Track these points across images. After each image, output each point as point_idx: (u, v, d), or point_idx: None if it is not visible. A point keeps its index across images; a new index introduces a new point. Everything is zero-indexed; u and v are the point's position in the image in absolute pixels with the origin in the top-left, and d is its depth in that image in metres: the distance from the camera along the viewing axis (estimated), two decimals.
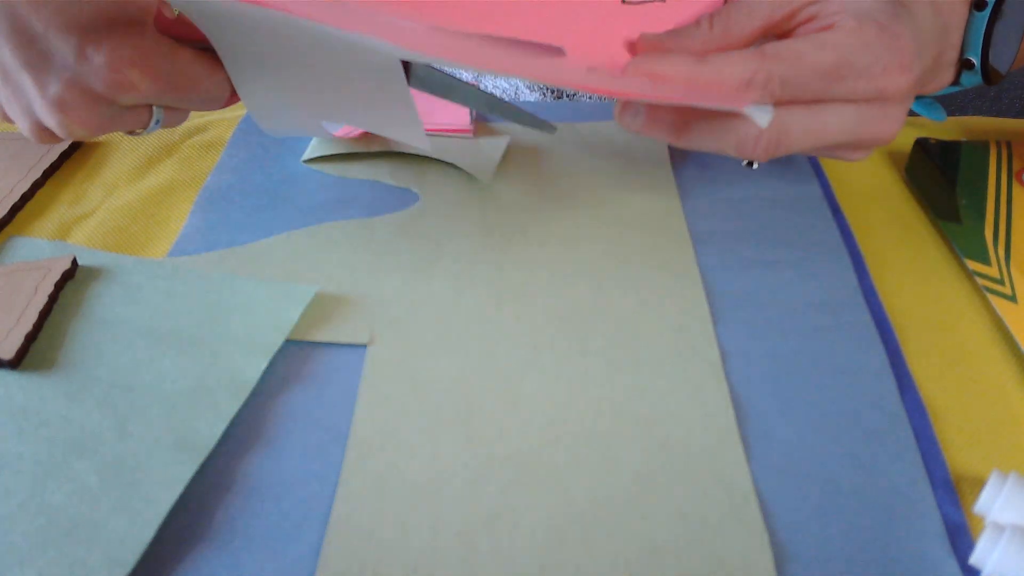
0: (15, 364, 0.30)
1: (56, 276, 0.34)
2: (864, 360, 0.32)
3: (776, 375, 0.31)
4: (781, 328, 0.33)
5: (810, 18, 0.31)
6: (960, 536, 0.26)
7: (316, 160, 0.43)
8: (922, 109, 0.40)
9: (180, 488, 0.26)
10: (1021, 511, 0.25)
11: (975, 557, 0.24)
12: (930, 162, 0.41)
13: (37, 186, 0.42)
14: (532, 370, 0.31)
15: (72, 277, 0.35)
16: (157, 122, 0.34)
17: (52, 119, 0.31)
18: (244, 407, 0.29)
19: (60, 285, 0.34)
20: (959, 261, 0.37)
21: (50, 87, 0.30)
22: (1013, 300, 0.33)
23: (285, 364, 0.32)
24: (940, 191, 0.39)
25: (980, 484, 0.27)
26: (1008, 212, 0.37)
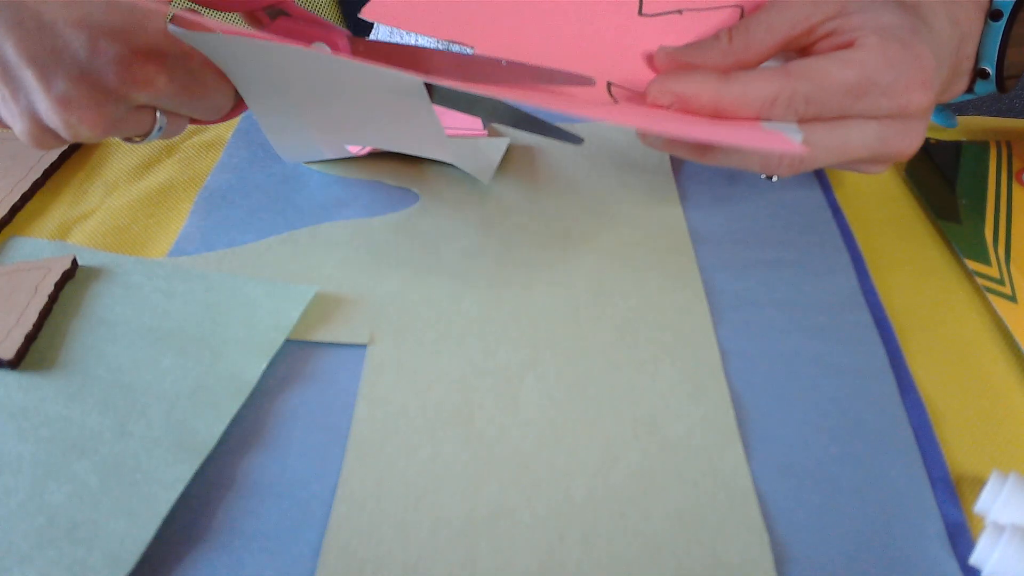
0: (15, 364, 0.30)
1: (56, 276, 0.34)
2: (864, 360, 0.32)
3: (776, 375, 0.31)
4: (781, 328, 0.33)
5: (829, 33, 0.31)
6: (960, 536, 0.26)
7: (316, 160, 0.43)
8: (935, 116, 0.40)
9: (180, 488, 0.26)
10: (1021, 511, 0.25)
11: (975, 557, 0.24)
12: (930, 162, 0.41)
13: (37, 186, 0.42)
14: (532, 370, 0.31)
15: (72, 277, 0.35)
16: (159, 129, 0.33)
17: (56, 118, 0.30)
18: (244, 407, 0.29)
19: (60, 285, 0.34)
20: (959, 261, 0.37)
21: (56, 83, 0.29)
22: (1013, 300, 0.33)
23: (285, 364, 0.32)
24: (940, 191, 0.39)
25: (980, 484, 0.27)
26: (1008, 212, 0.37)
